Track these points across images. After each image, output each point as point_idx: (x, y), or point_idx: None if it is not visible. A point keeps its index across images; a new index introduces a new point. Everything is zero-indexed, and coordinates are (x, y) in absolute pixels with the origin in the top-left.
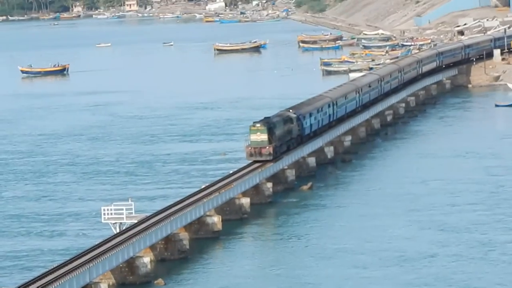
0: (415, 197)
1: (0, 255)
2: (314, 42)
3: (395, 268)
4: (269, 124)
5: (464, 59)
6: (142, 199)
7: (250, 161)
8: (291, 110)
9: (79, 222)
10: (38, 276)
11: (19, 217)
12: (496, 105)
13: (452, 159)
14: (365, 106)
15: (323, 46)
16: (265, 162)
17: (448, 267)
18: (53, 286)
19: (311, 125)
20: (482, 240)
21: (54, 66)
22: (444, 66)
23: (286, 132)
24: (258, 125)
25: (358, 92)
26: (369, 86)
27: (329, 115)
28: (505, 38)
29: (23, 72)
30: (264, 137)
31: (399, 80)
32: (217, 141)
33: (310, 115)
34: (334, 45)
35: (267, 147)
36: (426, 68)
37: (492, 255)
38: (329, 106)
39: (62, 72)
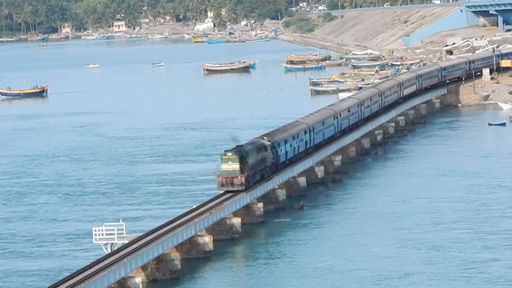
0: (399, 216)
1: None
2: (302, 62)
3: (376, 287)
4: (241, 152)
5: (441, 82)
6: (132, 219)
7: (222, 192)
8: (265, 138)
9: (70, 242)
10: None
11: (8, 238)
12: (489, 124)
13: (441, 177)
14: (344, 132)
15: (306, 67)
16: (237, 192)
17: (428, 285)
18: None
19: (286, 152)
20: (463, 259)
21: (33, 88)
22: (423, 89)
23: (260, 160)
24: (229, 154)
25: (337, 118)
26: (348, 111)
27: (306, 142)
28: (494, 58)
29: (1, 94)
30: (235, 166)
31: (379, 104)
32: (206, 162)
33: (286, 142)
34: (316, 66)
35: (239, 177)
36: (407, 91)
37: (473, 274)
38: (305, 132)
39: (41, 94)
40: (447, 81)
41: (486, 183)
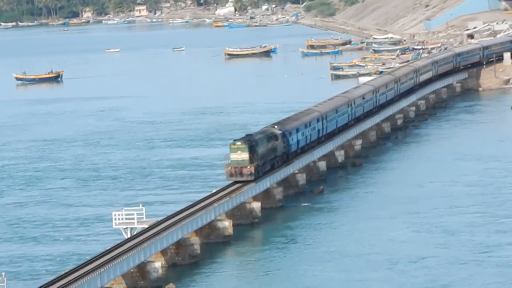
0: (415, 200)
1: (11, 260)
2: (322, 47)
3: (388, 271)
4: (250, 142)
5: (456, 68)
6: (151, 204)
7: (230, 182)
8: (276, 126)
9: (90, 227)
10: (50, 281)
11: (28, 223)
12: None
13: (458, 161)
14: (358, 120)
15: (323, 51)
16: (246, 182)
17: (440, 269)
18: None
19: (298, 141)
20: (476, 242)
21: (49, 73)
22: (438, 75)
23: (270, 150)
24: (238, 143)
25: (351, 105)
26: (363, 98)
27: (318, 130)
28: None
29: (17, 79)
30: (245, 156)
31: (395, 91)
32: (224, 147)
33: (297, 130)
34: (334, 50)
35: (248, 167)
36: (423, 78)
37: (486, 258)
38: (318, 120)
39: (56, 79)
40: (462, 67)
41: (503, 167)
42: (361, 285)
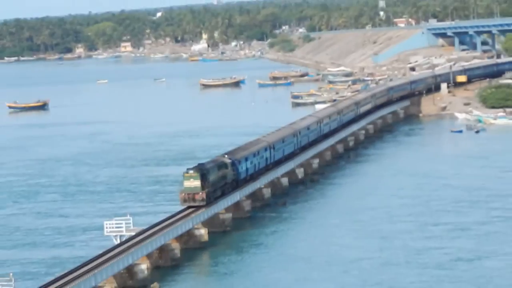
0: (361, 210)
1: (15, 263)
2: (285, 78)
3: (329, 271)
4: (202, 170)
5: (389, 100)
6: (138, 214)
7: (184, 207)
8: (226, 156)
9: (84, 235)
10: (51, 281)
11: (27, 231)
12: (451, 131)
13: (398, 177)
14: (304, 148)
15: (276, 83)
16: (198, 207)
17: (373, 269)
18: None
19: (247, 169)
20: (407, 247)
21: (37, 102)
22: (376, 107)
23: (221, 177)
24: (191, 171)
25: (296, 135)
26: (308, 129)
27: (266, 159)
28: (451, 74)
29: (10, 107)
30: (197, 183)
31: (338, 122)
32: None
33: (246, 159)
34: (286, 82)
35: (200, 193)
36: (363, 109)
37: (414, 259)
38: (266, 149)
39: (43, 107)
40: (394, 99)
41: (433, 182)
42: (307, 284)
